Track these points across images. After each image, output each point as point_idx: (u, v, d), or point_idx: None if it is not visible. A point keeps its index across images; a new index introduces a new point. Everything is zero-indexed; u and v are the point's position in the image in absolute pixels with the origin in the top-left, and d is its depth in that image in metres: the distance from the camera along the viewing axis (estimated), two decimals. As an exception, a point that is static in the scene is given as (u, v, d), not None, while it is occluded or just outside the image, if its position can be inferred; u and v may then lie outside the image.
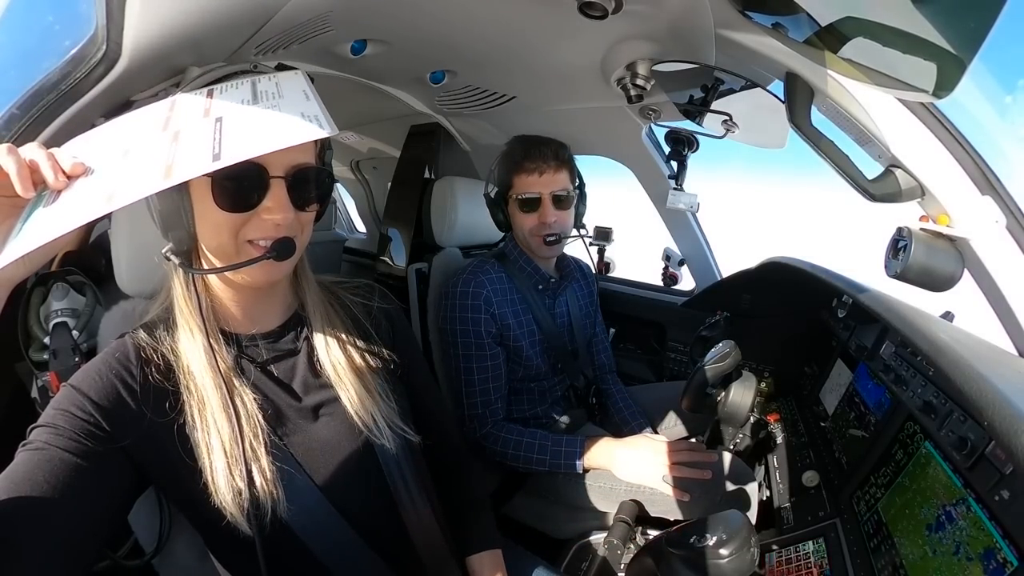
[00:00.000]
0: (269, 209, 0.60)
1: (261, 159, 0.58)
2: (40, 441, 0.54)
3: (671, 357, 1.86)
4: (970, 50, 0.55)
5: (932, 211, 0.84)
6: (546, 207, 1.25)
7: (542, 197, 1.24)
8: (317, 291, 0.76)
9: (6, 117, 0.65)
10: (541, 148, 1.24)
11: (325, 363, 0.72)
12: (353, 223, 3.48)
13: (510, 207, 1.29)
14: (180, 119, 0.52)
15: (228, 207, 0.59)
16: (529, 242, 1.29)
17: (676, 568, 0.74)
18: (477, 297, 1.22)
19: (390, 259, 1.91)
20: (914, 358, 0.88)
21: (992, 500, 0.60)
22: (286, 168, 0.60)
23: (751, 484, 1.15)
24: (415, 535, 0.74)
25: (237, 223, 0.60)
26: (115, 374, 0.61)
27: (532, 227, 1.26)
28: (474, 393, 1.22)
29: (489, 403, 1.22)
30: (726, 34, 0.88)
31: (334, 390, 0.72)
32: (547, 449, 1.16)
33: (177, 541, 0.81)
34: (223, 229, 0.60)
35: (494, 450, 1.19)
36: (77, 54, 0.64)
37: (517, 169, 1.25)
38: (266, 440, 0.64)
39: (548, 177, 1.24)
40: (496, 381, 1.24)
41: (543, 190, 1.24)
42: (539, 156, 1.24)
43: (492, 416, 1.22)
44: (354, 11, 0.99)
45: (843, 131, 0.88)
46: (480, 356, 1.22)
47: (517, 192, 1.26)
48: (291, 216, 0.61)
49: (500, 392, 1.24)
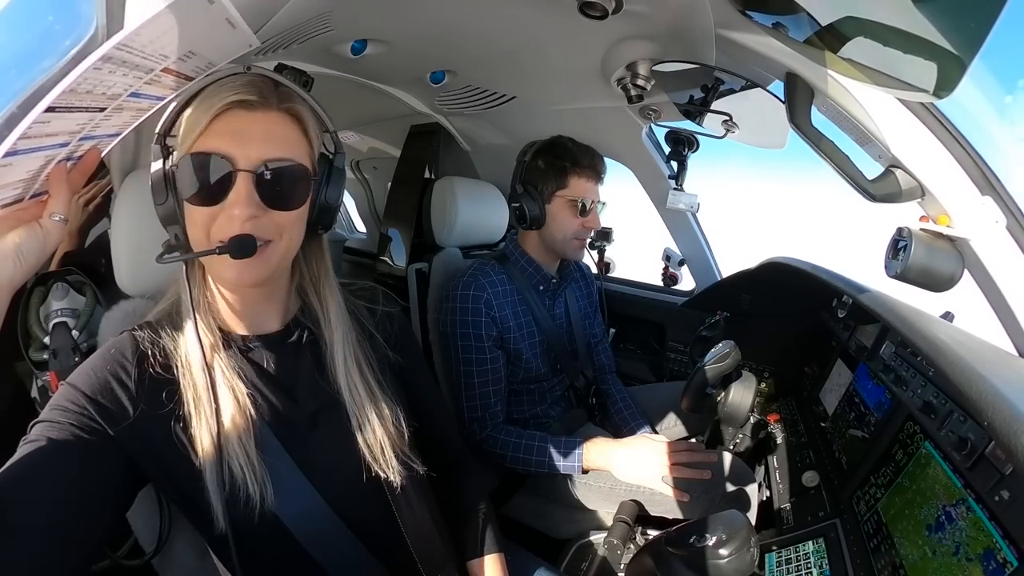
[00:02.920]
0: (231, 203, 0.58)
1: (227, 150, 0.57)
2: (38, 435, 0.55)
3: (671, 357, 1.86)
4: (970, 50, 0.55)
5: (932, 211, 0.84)
6: (596, 213, 1.28)
7: (596, 203, 1.28)
8: (338, 295, 0.74)
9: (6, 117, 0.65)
10: (595, 156, 1.29)
11: (332, 369, 0.72)
12: (353, 223, 3.49)
13: (554, 205, 1.27)
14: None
15: (196, 200, 0.58)
16: (567, 243, 1.30)
17: (676, 568, 0.74)
18: (478, 300, 1.23)
19: (390, 259, 1.91)
20: (914, 358, 0.88)
21: (992, 500, 0.60)
22: (255, 162, 0.58)
23: (751, 485, 1.15)
24: (412, 539, 0.74)
25: (208, 218, 0.59)
26: (109, 369, 0.61)
27: (577, 229, 1.27)
28: (474, 396, 1.22)
29: (488, 406, 1.23)
30: (726, 34, 0.88)
31: (338, 396, 0.71)
32: (546, 451, 1.16)
33: (177, 540, 0.81)
34: (197, 224, 0.60)
35: (493, 453, 1.19)
36: (77, 53, 0.64)
37: (576, 171, 1.26)
38: (259, 439, 0.64)
39: (599, 186, 1.30)
40: (496, 384, 1.24)
41: (596, 197, 1.28)
42: (599, 163, 1.29)
43: (492, 419, 1.22)
44: (354, 11, 0.99)
45: (843, 131, 0.88)
46: (480, 359, 1.22)
47: (572, 193, 1.26)
48: (249, 213, 0.58)
49: (500, 395, 1.24)
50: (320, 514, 0.68)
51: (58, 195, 0.49)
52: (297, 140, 0.63)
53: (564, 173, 1.26)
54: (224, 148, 0.57)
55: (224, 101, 0.58)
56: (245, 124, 0.59)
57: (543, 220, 1.28)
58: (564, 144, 1.28)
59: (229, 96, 0.58)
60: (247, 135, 0.59)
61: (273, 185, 0.59)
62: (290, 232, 0.64)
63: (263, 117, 0.60)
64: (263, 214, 0.60)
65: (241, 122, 0.59)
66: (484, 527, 0.85)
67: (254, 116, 0.59)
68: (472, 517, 0.86)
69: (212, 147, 0.58)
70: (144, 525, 0.79)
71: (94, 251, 1.19)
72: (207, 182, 0.57)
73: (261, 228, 0.60)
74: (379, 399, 0.73)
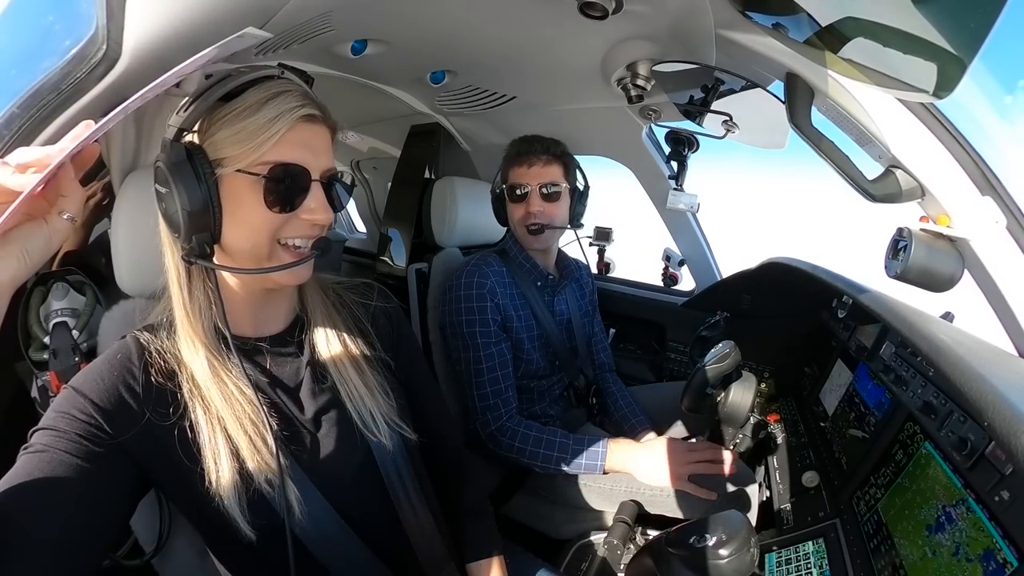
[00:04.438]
0: (312, 210, 0.63)
1: (306, 161, 0.62)
2: (41, 444, 0.54)
3: (671, 357, 1.86)
4: (970, 50, 0.55)
5: (932, 212, 0.84)
6: (532, 197, 1.29)
7: (530, 188, 1.29)
8: (318, 291, 0.77)
9: (6, 117, 0.65)
10: (533, 143, 1.31)
11: (327, 363, 0.72)
12: (353, 223, 3.49)
13: (507, 200, 1.34)
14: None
15: (276, 207, 0.61)
16: (517, 232, 1.35)
17: (676, 568, 0.74)
18: (482, 287, 1.23)
19: (390, 259, 1.91)
20: (914, 358, 0.88)
21: (992, 501, 0.59)
22: (322, 172, 0.64)
23: (751, 485, 1.15)
24: (414, 539, 0.74)
25: (277, 224, 0.62)
26: (117, 376, 0.61)
27: (520, 217, 1.32)
28: (484, 384, 1.21)
29: (500, 392, 1.21)
30: (726, 34, 0.88)
31: (336, 391, 0.72)
32: (568, 448, 1.15)
33: (177, 541, 0.81)
34: (262, 230, 0.62)
35: (511, 445, 1.17)
36: (77, 54, 0.64)
37: (511, 163, 1.33)
38: (271, 444, 0.64)
39: (537, 170, 1.30)
40: (504, 369, 1.23)
41: (531, 181, 1.30)
42: (530, 150, 1.30)
43: (505, 406, 1.21)
44: (354, 11, 0.99)
45: (843, 131, 0.88)
46: (486, 344, 1.22)
47: (509, 184, 1.32)
48: (331, 217, 0.65)
49: (510, 381, 1.24)
50: (323, 514, 0.68)
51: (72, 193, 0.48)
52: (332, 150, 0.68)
53: (506, 168, 1.34)
54: (300, 158, 0.61)
55: (297, 115, 0.60)
56: (313, 137, 0.63)
57: (506, 217, 1.36)
58: (513, 143, 1.35)
59: (300, 111, 0.61)
60: (316, 148, 0.64)
61: (333, 192, 0.66)
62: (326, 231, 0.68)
63: (322, 131, 0.65)
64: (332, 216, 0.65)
65: (309, 135, 0.63)
66: (484, 528, 0.85)
67: (316, 129, 0.64)
68: (472, 518, 0.86)
69: (290, 158, 0.61)
70: (144, 525, 0.79)
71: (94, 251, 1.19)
72: (287, 191, 0.61)
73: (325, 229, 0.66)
74: (366, 371, 0.75)
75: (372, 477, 0.72)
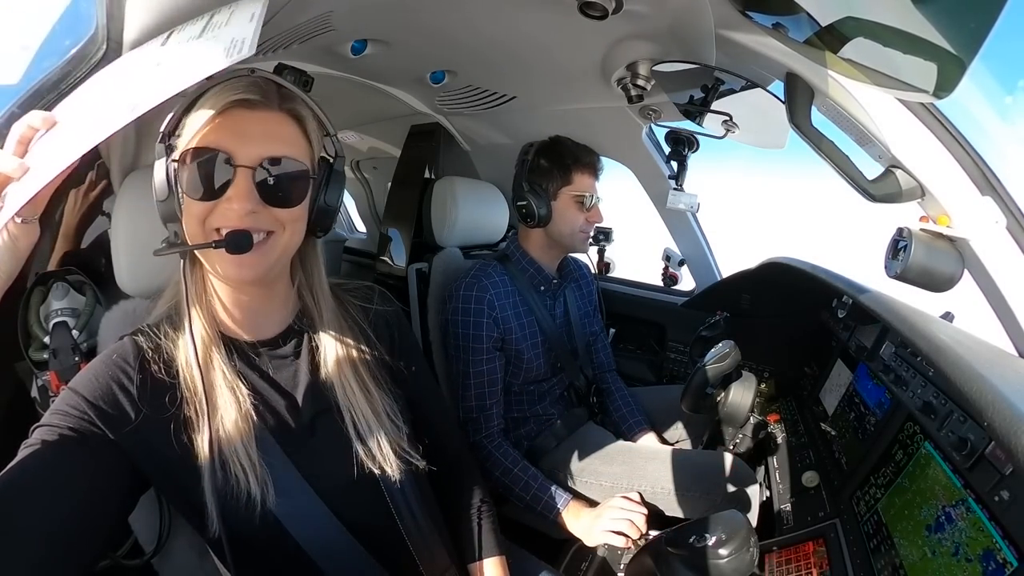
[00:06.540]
0: (229, 198, 0.59)
1: (227, 146, 0.58)
2: (38, 440, 0.55)
3: (671, 357, 1.86)
4: (970, 50, 0.55)
5: (932, 211, 0.84)
6: (598, 207, 1.33)
7: (598, 198, 1.33)
8: (319, 294, 0.75)
9: (6, 117, 0.65)
10: (593, 154, 1.34)
11: (328, 371, 0.72)
12: (353, 223, 3.49)
13: (560, 201, 1.30)
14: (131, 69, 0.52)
15: (194, 194, 0.59)
16: (574, 238, 1.34)
17: (675, 568, 0.74)
18: (480, 301, 1.24)
19: (390, 259, 1.91)
20: (914, 358, 0.88)
21: (992, 501, 0.60)
22: (255, 158, 0.59)
23: (752, 485, 1.15)
24: (414, 545, 0.74)
25: (204, 212, 0.60)
26: (111, 374, 0.61)
27: (582, 224, 1.32)
28: (469, 396, 1.23)
29: (484, 407, 1.23)
30: (726, 34, 0.88)
31: (336, 399, 0.71)
32: (531, 489, 1.15)
33: (177, 541, 0.81)
34: (193, 217, 0.60)
35: (482, 465, 1.19)
36: (77, 53, 0.64)
37: (579, 168, 1.31)
38: (260, 443, 0.64)
39: (597, 182, 1.36)
40: (492, 386, 1.24)
41: (596, 192, 1.33)
42: (597, 161, 1.35)
43: (486, 424, 1.22)
44: (354, 11, 0.99)
45: (843, 131, 0.88)
46: (476, 360, 1.23)
47: (576, 189, 1.30)
48: (249, 207, 0.59)
49: (495, 398, 1.25)
50: (321, 518, 0.68)
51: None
52: (297, 140, 0.64)
53: (568, 171, 1.30)
54: (224, 144, 0.58)
55: (226, 100, 0.59)
56: (246, 122, 0.60)
57: (550, 217, 1.31)
58: (565, 143, 1.33)
59: (231, 95, 0.59)
60: (248, 133, 0.60)
61: (272, 182, 0.60)
62: (291, 227, 0.64)
63: (264, 116, 0.61)
64: (262, 210, 0.60)
65: (242, 120, 0.60)
66: (485, 529, 0.85)
67: (255, 115, 0.60)
68: (473, 519, 0.85)
69: (213, 143, 0.58)
70: (144, 525, 0.79)
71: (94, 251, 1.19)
72: (207, 177, 0.58)
73: (260, 222, 0.61)
74: (374, 396, 0.73)
75: (371, 483, 0.72)
